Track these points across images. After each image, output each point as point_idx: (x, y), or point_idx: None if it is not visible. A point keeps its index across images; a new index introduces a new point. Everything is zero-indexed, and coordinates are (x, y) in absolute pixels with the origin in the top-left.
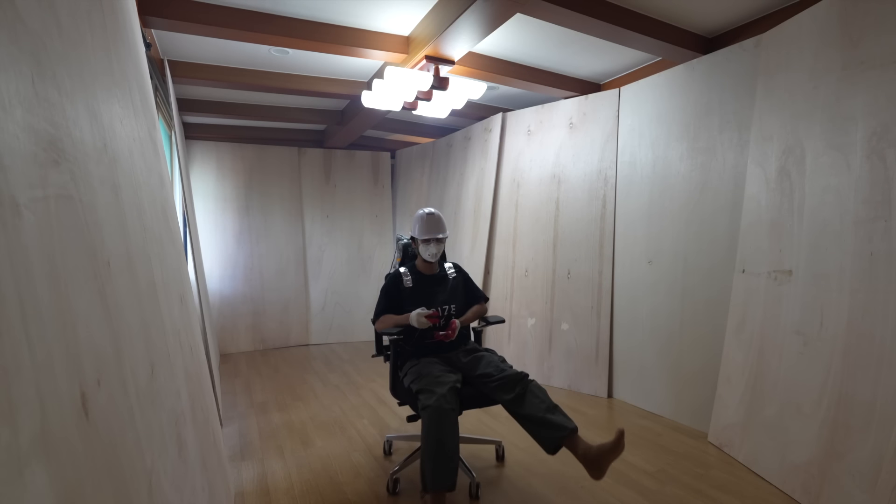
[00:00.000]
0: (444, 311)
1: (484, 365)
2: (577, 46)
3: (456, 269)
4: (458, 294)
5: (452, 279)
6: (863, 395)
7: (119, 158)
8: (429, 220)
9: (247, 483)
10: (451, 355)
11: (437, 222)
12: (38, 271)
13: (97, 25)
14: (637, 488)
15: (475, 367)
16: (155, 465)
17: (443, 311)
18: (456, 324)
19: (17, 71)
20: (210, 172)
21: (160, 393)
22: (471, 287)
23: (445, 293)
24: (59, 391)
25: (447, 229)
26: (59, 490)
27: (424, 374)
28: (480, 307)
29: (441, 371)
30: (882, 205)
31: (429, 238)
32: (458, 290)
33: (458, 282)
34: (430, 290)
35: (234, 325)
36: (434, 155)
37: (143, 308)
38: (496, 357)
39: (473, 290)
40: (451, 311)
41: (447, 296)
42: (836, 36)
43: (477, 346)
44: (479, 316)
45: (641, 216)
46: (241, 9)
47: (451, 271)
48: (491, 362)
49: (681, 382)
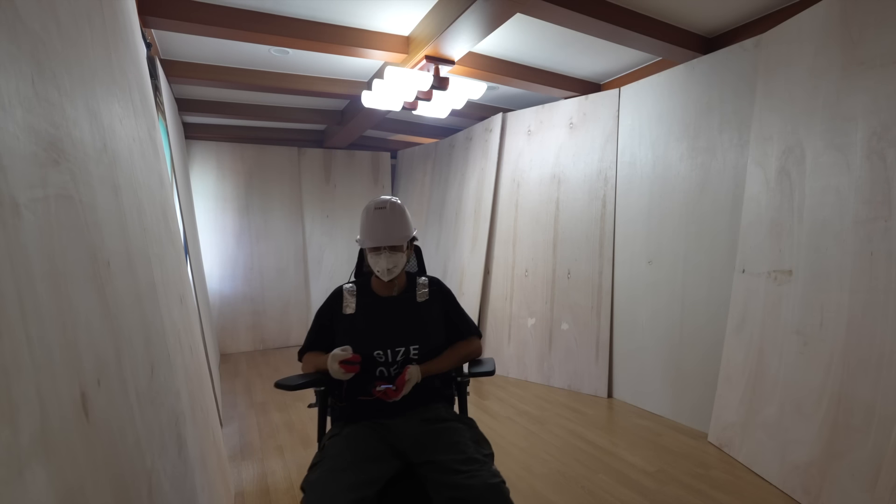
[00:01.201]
0: (390, 355)
1: (444, 449)
2: (577, 46)
3: (433, 290)
4: (431, 328)
5: (424, 304)
6: (863, 395)
7: (119, 158)
8: (375, 218)
9: (247, 483)
10: (397, 423)
11: (390, 221)
12: (39, 271)
13: (97, 25)
14: (637, 488)
15: (427, 449)
16: (155, 465)
17: (392, 355)
18: (406, 376)
19: (17, 70)
20: (210, 172)
21: (160, 393)
22: (455, 316)
23: (408, 326)
24: (59, 391)
25: (412, 229)
26: (60, 490)
27: (331, 455)
28: (467, 346)
29: (360, 457)
30: (882, 205)
31: (377, 248)
32: (430, 322)
33: (432, 309)
34: (382, 322)
35: (234, 325)
36: (437, 155)
37: (143, 308)
38: (467, 436)
39: (458, 322)
40: (412, 354)
41: (411, 330)
42: (836, 36)
43: (443, 414)
44: (462, 361)
45: (641, 216)
46: (240, 9)
47: (423, 291)
48: (455, 446)
49: (681, 382)
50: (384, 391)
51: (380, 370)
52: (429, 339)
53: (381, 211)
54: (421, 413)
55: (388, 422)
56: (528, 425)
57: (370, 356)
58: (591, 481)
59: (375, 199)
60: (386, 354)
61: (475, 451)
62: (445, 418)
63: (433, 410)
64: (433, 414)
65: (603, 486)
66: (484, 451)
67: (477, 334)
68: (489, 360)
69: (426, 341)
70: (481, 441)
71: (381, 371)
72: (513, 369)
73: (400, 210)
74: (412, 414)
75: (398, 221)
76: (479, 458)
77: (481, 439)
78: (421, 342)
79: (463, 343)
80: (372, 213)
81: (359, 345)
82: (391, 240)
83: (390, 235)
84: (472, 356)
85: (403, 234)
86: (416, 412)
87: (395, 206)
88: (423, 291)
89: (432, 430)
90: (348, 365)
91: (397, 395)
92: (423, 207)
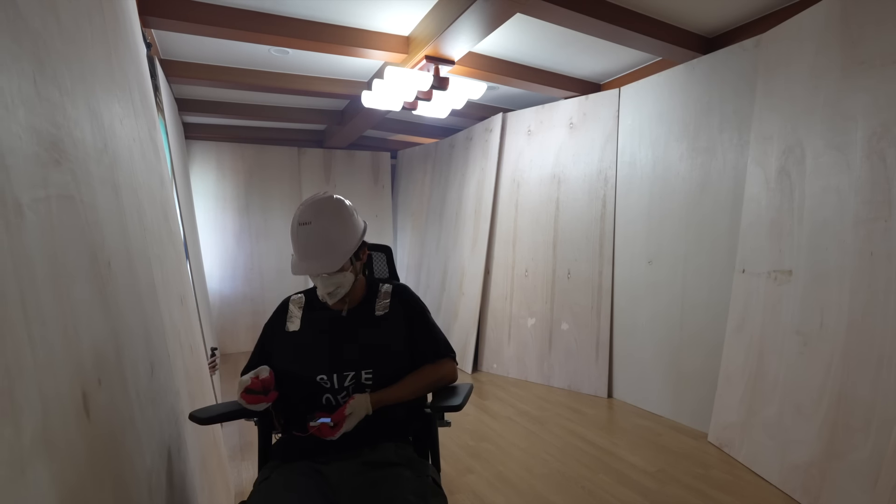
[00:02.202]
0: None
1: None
2: (577, 46)
3: (396, 302)
4: (391, 348)
5: (383, 319)
6: (863, 395)
7: (119, 159)
8: (300, 236)
9: (247, 483)
10: (334, 468)
11: (318, 242)
12: (40, 271)
13: (97, 25)
14: (637, 488)
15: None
16: (155, 465)
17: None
18: (347, 409)
19: (19, 70)
20: (210, 172)
21: (160, 392)
22: (420, 333)
23: (360, 346)
24: (60, 390)
25: (353, 241)
26: (61, 488)
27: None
28: (435, 371)
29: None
30: (882, 205)
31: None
32: (389, 341)
33: (394, 325)
34: (329, 340)
35: (234, 324)
36: (437, 155)
37: (143, 308)
38: (408, 488)
39: (424, 339)
40: (364, 379)
41: (364, 351)
42: (836, 36)
43: (390, 457)
44: (429, 388)
45: (641, 216)
46: (240, 9)
47: (384, 302)
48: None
49: (681, 382)
50: (319, 426)
51: (326, 397)
52: (386, 362)
53: (305, 228)
54: (364, 455)
55: (325, 466)
56: (528, 425)
57: (313, 381)
58: (591, 481)
59: (304, 205)
60: (332, 380)
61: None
62: (392, 462)
63: (380, 451)
64: (379, 456)
65: (603, 486)
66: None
67: (449, 356)
68: (464, 386)
69: (382, 364)
70: (428, 495)
71: (327, 398)
72: (513, 369)
73: (332, 224)
74: (352, 456)
75: (332, 239)
76: None
77: (429, 492)
78: (375, 366)
79: (431, 367)
80: (296, 230)
81: (299, 367)
82: (320, 267)
83: (318, 261)
84: (441, 382)
85: (336, 258)
86: (359, 454)
87: (324, 219)
88: (383, 303)
89: (371, 480)
90: (253, 395)
91: (334, 433)
92: (423, 207)
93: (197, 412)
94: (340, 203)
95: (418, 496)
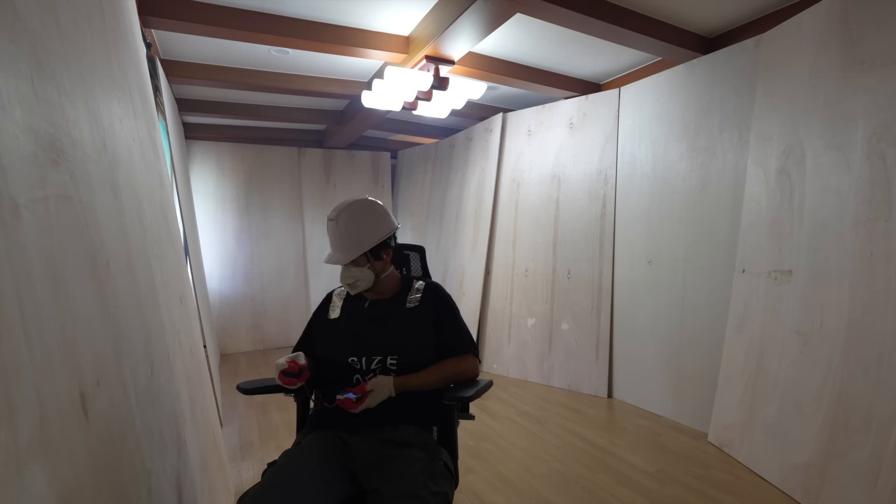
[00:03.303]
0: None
1: (388, 478)
2: (577, 46)
3: (426, 297)
4: (417, 336)
5: (412, 311)
6: (863, 395)
7: (118, 159)
8: (329, 230)
9: (247, 483)
10: (356, 440)
11: (341, 235)
12: (38, 272)
13: (97, 25)
14: (637, 488)
15: (375, 477)
16: (154, 466)
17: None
18: (367, 386)
19: (16, 71)
20: (210, 172)
21: (160, 393)
22: (447, 327)
23: (388, 333)
24: (58, 391)
25: (374, 237)
26: (58, 490)
27: (279, 465)
28: (457, 364)
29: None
30: (882, 205)
31: None
32: (416, 332)
33: (421, 316)
34: (362, 327)
35: (234, 325)
36: (437, 155)
37: (142, 308)
38: (418, 468)
39: (449, 333)
40: (389, 364)
41: (391, 337)
42: (836, 36)
43: (408, 438)
44: (450, 380)
45: (641, 216)
46: (241, 9)
47: (415, 296)
48: (399, 478)
49: (681, 382)
50: (344, 400)
51: (356, 378)
52: (410, 351)
53: (331, 224)
54: (386, 433)
55: (349, 437)
56: (528, 425)
57: (345, 363)
58: (591, 481)
59: (338, 204)
60: (361, 362)
61: (421, 487)
62: (409, 443)
63: (401, 432)
64: (398, 436)
65: (603, 486)
66: (433, 489)
67: (472, 352)
68: (482, 382)
69: (407, 352)
70: (437, 476)
71: (357, 379)
72: (513, 369)
73: (352, 221)
74: (375, 431)
75: (352, 234)
76: (423, 494)
77: (438, 474)
78: (400, 353)
79: (453, 360)
80: (328, 224)
81: (334, 350)
82: (339, 258)
83: (338, 252)
84: (462, 376)
85: (353, 250)
86: (382, 431)
87: (346, 216)
88: (415, 297)
89: (386, 456)
90: (288, 377)
91: (357, 406)
92: (423, 207)
93: (243, 384)
94: (369, 205)
95: (427, 476)
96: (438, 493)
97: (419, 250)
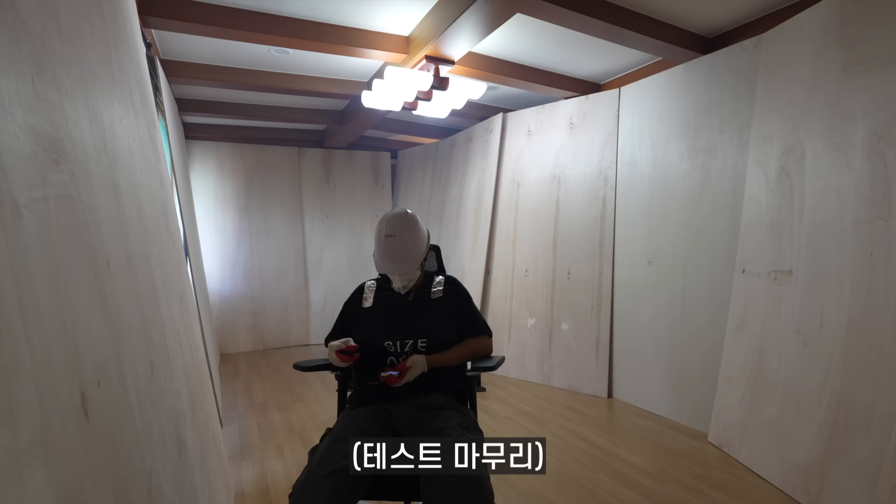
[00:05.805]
0: (399, 346)
1: (431, 432)
2: (577, 46)
3: (448, 289)
4: (442, 323)
5: (436, 301)
6: (863, 395)
7: (119, 159)
8: (387, 246)
9: (247, 483)
10: (397, 406)
11: (401, 250)
12: (38, 271)
13: (97, 25)
14: (637, 488)
15: (417, 432)
16: (155, 465)
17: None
18: (408, 363)
19: (17, 71)
20: (210, 172)
21: (160, 393)
22: (465, 315)
23: (418, 320)
24: (58, 391)
25: (425, 246)
26: (59, 490)
27: (336, 430)
28: (475, 343)
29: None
30: (882, 205)
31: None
32: (441, 318)
33: (444, 305)
34: (395, 315)
35: (234, 325)
36: (437, 155)
37: (143, 308)
38: (455, 421)
39: (467, 319)
40: (420, 346)
41: (420, 323)
42: (836, 36)
43: (441, 402)
44: (470, 357)
45: (641, 216)
46: (241, 9)
47: (437, 289)
48: (442, 431)
49: (681, 382)
50: (388, 377)
51: (390, 360)
52: (437, 334)
53: (392, 240)
54: (420, 400)
55: (390, 406)
56: (528, 425)
57: (381, 346)
58: (591, 481)
59: (387, 220)
60: (395, 345)
61: (460, 436)
62: (442, 406)
63: (432, 398)
64: (431, 401)
65: (603, 486)
66: (470, 437)
67: (487, 333)
68: (498, 357)
69: (435, 335)
70: (471, 428)
71: (391, 360)
72: (513, 369)
73: (410, 235)
74: (412, 399)
75: (410, 248)
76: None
77: (472, 426)
78: (429, 336)
79: (472, 340)
80: (383, 242)
81: (371, 335)
82: (402, 269)
83: (401, 264)
84: (480, 353)
85: (414, 261)
86: (417, 399)
87: (405, 232)
88: (437, 289)
89: (425, 416)
90: (343, 355)
91: (399, 380)
92: (424, 207)
93: (300, 363)
94: (415, 219)
95: (463, 427)
96: (477, 437)
97: (436, 249)
